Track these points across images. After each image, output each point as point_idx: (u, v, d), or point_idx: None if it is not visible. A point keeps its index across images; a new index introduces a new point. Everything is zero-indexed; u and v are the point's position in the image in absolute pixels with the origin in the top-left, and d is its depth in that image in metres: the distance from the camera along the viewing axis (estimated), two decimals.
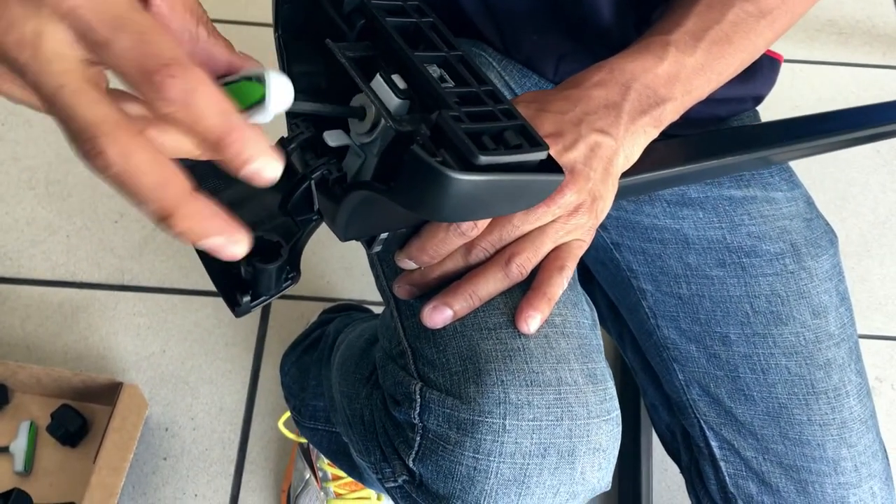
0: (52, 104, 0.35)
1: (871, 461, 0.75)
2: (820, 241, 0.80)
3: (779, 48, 0.89)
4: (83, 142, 0.34)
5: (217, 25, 0.42)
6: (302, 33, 0.52)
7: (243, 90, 0.39)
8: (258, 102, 0.38)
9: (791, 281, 0.77)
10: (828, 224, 0.83)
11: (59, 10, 0.34)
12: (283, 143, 0.51)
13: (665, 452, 0.90)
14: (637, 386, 1.28)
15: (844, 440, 0.74)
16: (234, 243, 0.36)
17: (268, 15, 0.54)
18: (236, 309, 0.49)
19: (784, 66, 1.77)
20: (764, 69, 0.84)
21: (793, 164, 0.86)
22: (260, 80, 0.38)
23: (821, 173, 1.63)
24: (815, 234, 0.80)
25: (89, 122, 0.34)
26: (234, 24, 1.73)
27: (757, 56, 0.71)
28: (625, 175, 0.65)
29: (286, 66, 0.54)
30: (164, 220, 0.35)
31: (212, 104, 0.35)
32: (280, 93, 0.38)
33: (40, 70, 0.35)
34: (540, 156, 0.45)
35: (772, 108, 0.93)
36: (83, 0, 0.34)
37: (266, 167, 0.36)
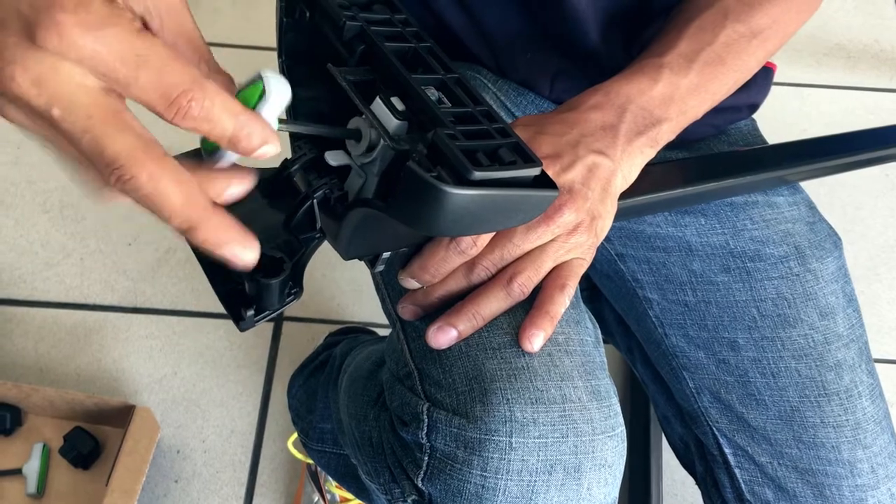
0: (78, 143, 0.38)
1: (887, 462, 0.74)
2: (824, 244, 0.80)
3: (786, 72, 0.90)
4: (113, 170, 0.37)
5: (225, 50, 0.44)
6: (305, 59, 0.53)
7: (246, 96, 0.42)
8: (259, 100, 0.42)
9: (797, 283, 0.77)
10: (831, 227, 0.83)
11: (75, 55, 0.36)
12: (286, 165, 0.52)
13: (675, 477, 0.90)
14: (646, 405, 1.28)
15: (859, 441, 0.73)
16: (248, 251, 0.42)
17: (272, 40, 0.55)
18: (240, 323, 0.50)
19: (792, 90, 1.77)
20: (758, 78, 0.84)
21: (802, 185, 0.86)
22: (259, 79, 0.42)
23: (829, 196, 1.63)
24: (818, 237, 0.80)
25: (118, 153, 0.37)
26: (245, 49, 1.76)
27: (750, 75, 0.72)
28: (625, 196, 0.66)
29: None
30: (187, 232, 0.39)
31: (226, 112, 0.39)
32: (278, 87, 0.42)
33: (64, 114, 0.37)
34: (534, 172, 0.46)
35: (780, 132, 0.94)
36: (98, 44, 0.36)
37: (269, 151, 0.42)
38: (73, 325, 1.41)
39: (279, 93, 0.42)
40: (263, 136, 0.41)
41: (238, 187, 0.43)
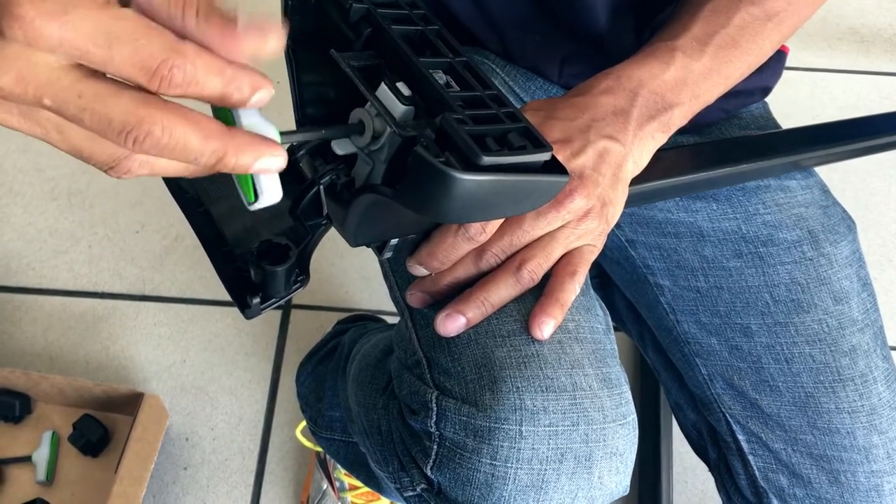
0: (82, 122, 0.37)
1: None
2: (838, 228, 0.79)
3: (798, 56, 0.88)
4: (127, 135, 0.37)
5: None
6: (311, 43, 0.52)
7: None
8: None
9: (810, 268, 0.77)
10: (845, 211, 0.82)
11: (44, 46, 0.35)
12: (292, 151, 0.51)
13: (685, 463, 0.89)
14: (656, 391, 1.27)
15: (875, 427, 0.73)
16: (278, 157, 0.41)
17: None
18: (246, 311, 0.49)
19: (804, 75, 1.75)
20: (771, 61, 0.82)
21: (815, 169, 0.85)
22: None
23: (841, 182, 1.62)
24: (832, 221, 0.80)
25: (124, 116, 0.36)
26: None
27: (764, 59, 0.71)
28: (636, 182, 0.65)
29: (295, 76, 0.54)
30: (218, 164, 0.39)
31: (210, 72, 0.37)
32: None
33: (56, 101, 0.36)
34: (544, 157, 0.45)
35: (792, 118, 0.93)
36: (65, 30, 0.34)
37: (263, 97, 0.40)
38: (82, 312, 1.41)
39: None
40: (253, 84, 0.39)
41: (270, 160, 0.41)
